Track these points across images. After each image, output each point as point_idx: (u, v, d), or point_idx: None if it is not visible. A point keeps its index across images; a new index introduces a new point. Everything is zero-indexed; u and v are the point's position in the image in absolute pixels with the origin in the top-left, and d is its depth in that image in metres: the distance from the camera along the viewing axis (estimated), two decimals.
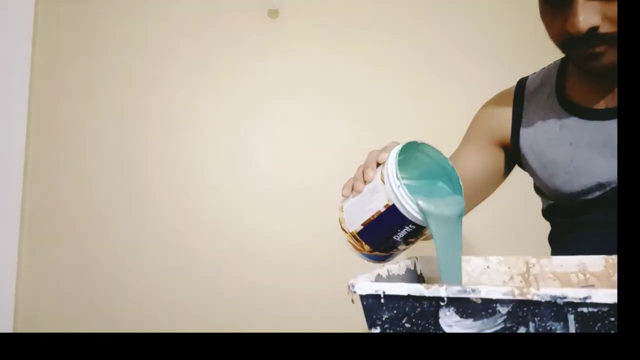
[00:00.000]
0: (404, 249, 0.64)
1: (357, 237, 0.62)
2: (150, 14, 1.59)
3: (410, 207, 0.56)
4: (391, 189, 0.56)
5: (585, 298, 0.36)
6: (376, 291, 0.40)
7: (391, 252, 0.63)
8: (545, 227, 0.90)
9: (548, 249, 0.88)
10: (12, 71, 1.50)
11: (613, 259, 0.64)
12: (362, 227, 0.61)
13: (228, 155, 1.54)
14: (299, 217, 1.51)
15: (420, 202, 0.55)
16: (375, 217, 0.59)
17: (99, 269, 1.49)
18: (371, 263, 0.67)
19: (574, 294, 0.36)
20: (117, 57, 1.57)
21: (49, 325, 1.46)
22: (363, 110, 1.55)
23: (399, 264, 0.66)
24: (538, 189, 0.87)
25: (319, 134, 1.55)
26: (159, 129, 1.55)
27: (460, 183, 0.62)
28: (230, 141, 1.55)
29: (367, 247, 0.62)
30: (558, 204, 0.81)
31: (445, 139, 0.64)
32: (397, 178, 0.56)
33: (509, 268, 0.72)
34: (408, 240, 0.60)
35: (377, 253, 0.63)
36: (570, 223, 0.80)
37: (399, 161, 0.58)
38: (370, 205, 0.59)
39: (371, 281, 0.49)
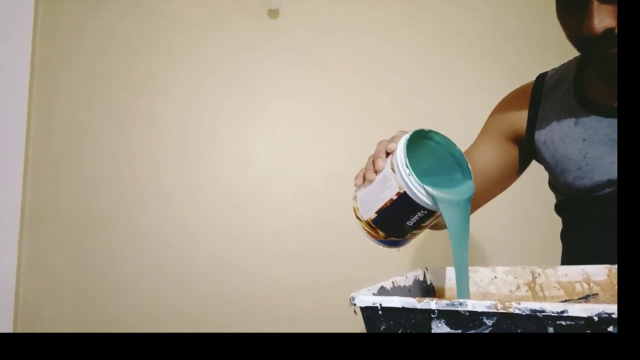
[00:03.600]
0: (418, 234, 0.69)
1: (372, 224, 0.68)
2: (151, 14, 1.67)
3: (420, 194, 0.61)
4: (401, 177, 0.62)
5: (562, 312, 0.42)
6: (374, 304, 0.47)
7: (405, 237, 0.69)
8: (551, 232, 0.97)
9: (552, 255, 0.95)
10: (12, 71, 1.59)
11: (615, 268, 0.72)
12: (375, 214, 0.67)
13: (228, 155, 1.62)
14: (299, 215, 1.59)
15: (429, 189, 0.61)
16: (387, 204, 0.65)
17: (98, 269, 1.58)
18: (386, 248, 0.73)
19: (552, 308, 0.42)
20: (117, 57, 1.65)
21: (49, 325, 1.56)
22: (363, 110, 1.62)
23: (406, 275, 0.74)
24: (551, 184, 0.93)
25: (319, 134, 1.62)
26: (159, 129, 1.63)
27: (469, 167, 0.68)
28: (230, 140, 1.63)
29: (381, 234, 0.69)
30: (570, 199, 0.86)
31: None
32: (407, 166, 0.61)
33: (515, 278, 0.78)
34: (421, 225, 0.66)
35: (391, 238, 0.69)
36: (581, 219, 0.85)
37: (407, 149, 0.63)
38: (382, 193, 0.65)
39: (373, 294, 0.57)
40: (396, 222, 0.66)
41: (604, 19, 0.67)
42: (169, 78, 1.65)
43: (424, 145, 0.67)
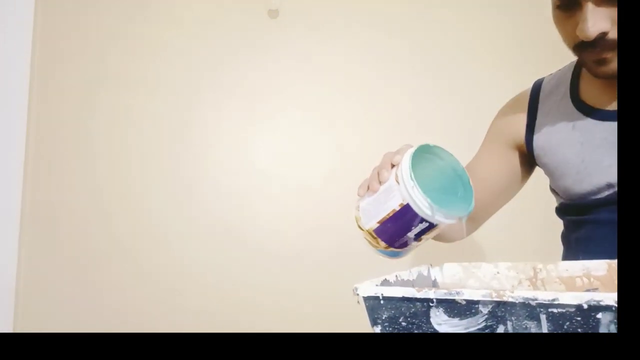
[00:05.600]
0: (418, 245, 0.74)
1: (373, 234, 0.73)
2: (151, 14, 1.71)
3: (423, 206, 0.66)
4: (405, 189, 0.66)
5: (553, 300, 0.46)
6: (376, 293, 0.52)
7: (405, 248, 0.74)
8: (552, 231, 1.01)
9: (553, 253, 0.99)
10: (12, 71, 1.63)
11: (615, 263, 0.76)
12: (377, 224, 0.71)
13: (228, 155, 1.67)
14: (299, 216, 1.63)
15: (432, 203, 0.66)
16: (390, 215, 0.69)
17: (98, 269, 1.62)
18: (386, 258, 0.77)
19: (544, 296, 0.47)
20: (117, 57, 1.70)
21: (49, 325, 1.60)
22: (363, 110, 1.66)
23: (410, 270, 0.79)
24: (552, 188, 0.96)
25: (318, 134, 1.67)
26: (159, 128, 1.68)
27: (471, 183, 0.72)
28: (230, 140, 1.67)
29: (382, 244, 0.73)
30: (570, 202, 0.90)
31: (445, 138, 0.75)
32: (411, 179, 0.66)
33: (517, 273, 0.83)
34: (421, 236, 0.71)
35: (392, 249, 0.74)
36: (581, 221, 0.89)
37: (412, 162, 0.68)
38: (385, 204, 0.70)
39: (376, 285, 0.61)
40: (398, 233, 0.71)
41: (598, 22, 0.70)
42: (169, 78, 1.70)
43: (427, 160, 0.72)
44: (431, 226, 0.69)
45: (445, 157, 0.73)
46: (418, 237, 0.71)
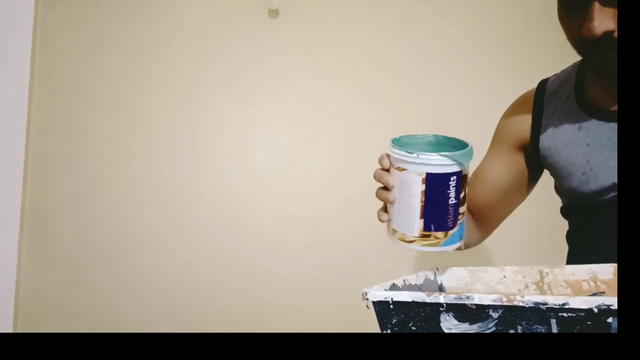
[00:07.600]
0: (464, 211, 0.72)
1: (425, 233, 0.70)
2: (150, 14, 1.72)
3: (439, 162, 0.65)
4: (414, 165, 0.66)
5: (564, 304, 0.47)
6: (385, 298, 0.52)
7: (459, 221, 0.71)
8: (556, 231, 1.02)
9: (558, 254, 1.00)
10: (12, 71, 1.64)
11: None
12: (421, 220, 0.69)
13: (228, 154, 1.68)
14: (299, 215, 1.64)
15: (442, 153, 0.66)
16: (423, 200, 0.68)
17: (98, 269, 1.63)
18: (453, 249, 0.74)
19: (554, 300, 0.47)
20: (117, 57, 1.70)
21: (49, 325, 1.61)
22: (363, 109, 1.67)
23: (417, 274, 0.79)
24: (557, 189, 0.97)
25: (319, 133, 1.68)
26: (159, 128, 1.68)
27: (458, 138, 0.72)
28: (230, 140, 1.68)
29: (440, 235, 0.70)
30: (575, 203, 0.91)
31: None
32: (409, 153, 0.66)
33: (524, 277, 0.83)
34: (459, 195, 0.69)
35: (451, 232, 0.71)
36: (586, 222, 0.89)
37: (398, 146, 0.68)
38: (410, 196, 0.68)
39: (385, 289, 0.62)
40: (441, 208, 0.69)
41: (604, 22, 0.71)
42: (169, 78, 1.70)
43: (408, 145, 0.72)
44: (459, 175, 0.68)
45: (415, 141, 0.73)
46: (457, 196, 0.69)
